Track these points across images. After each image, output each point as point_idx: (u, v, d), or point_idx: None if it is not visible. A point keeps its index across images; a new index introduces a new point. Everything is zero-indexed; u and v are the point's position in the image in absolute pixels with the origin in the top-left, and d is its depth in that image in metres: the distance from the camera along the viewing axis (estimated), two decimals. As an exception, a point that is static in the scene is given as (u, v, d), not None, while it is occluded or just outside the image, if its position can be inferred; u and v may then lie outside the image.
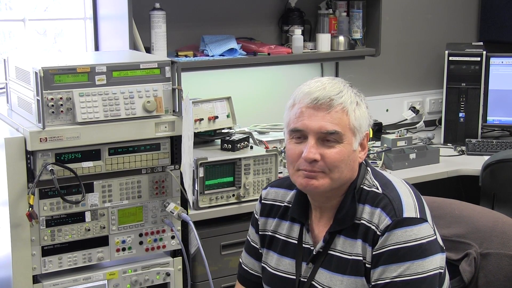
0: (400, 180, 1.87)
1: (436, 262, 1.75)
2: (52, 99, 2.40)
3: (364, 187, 1.83)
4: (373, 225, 1.77)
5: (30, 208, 2.36)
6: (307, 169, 1.77)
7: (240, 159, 2.90)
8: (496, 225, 2.04)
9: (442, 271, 1.79)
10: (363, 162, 1.86)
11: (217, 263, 2.88)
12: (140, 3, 3.13)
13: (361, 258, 1.78)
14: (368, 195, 1.81)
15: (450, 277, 1.95)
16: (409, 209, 1.76)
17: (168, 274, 2.69)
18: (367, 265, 1.77)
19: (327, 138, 1.76)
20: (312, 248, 1.87)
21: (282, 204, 1.96)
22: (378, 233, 1.75)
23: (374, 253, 1.75)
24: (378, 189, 1.81)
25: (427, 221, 1.76)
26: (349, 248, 1.80)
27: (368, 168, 1.87)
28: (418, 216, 1.75)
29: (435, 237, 1.77)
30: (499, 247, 2.00)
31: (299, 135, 1.79)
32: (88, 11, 3.38)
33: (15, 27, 3.29)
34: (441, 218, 2.09)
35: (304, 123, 1.77)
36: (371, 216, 1.78)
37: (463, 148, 3.75)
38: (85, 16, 3.40)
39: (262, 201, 2.01)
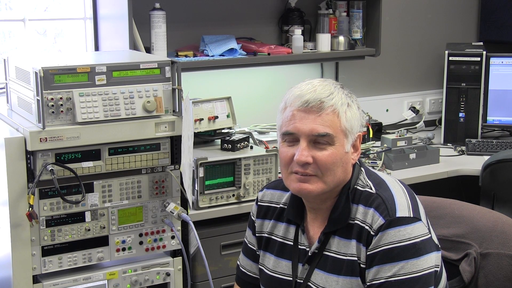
0: (394, 179, 1.87)
1: (431, 261, 1.75)
2: (52, 99, 2.40)
3: (358, 187, 1.83)
4: (366, 225, 1.77)
5: (30, 208, 2.36)
6: (299, 171, 1.77)
7: (240, 159, 2.90)
8: (496, 225, 2.04)
9: (437, 269, 1.79)
10: (357, 162, 1.86)
11: (217, 263, 2.88)
12: (140, 3, 3.13)
13: (355, 259, 1.78)
14: (362, 195, 1.81)
15: (450, 277, 1.95)
16: (402, 208, 1.76)
17: (168, 274, 2.69)
18: (361, 265, 1.77)
19: (318, 141, 1.76)
20: (307, 249, 1.87)
21: (278, 206, 1.96)
22: (371, 233, 1.75)
23: (368, 253, 1.76)
24: (371, 189, 1.81)
25: (420, 220, 1.76)
26: (343, 248, 1.80)
27: (362, 168, 1.87)
28: (412, 215, 1.75)
29: (429, 235, 1.77)
30: (499, 247, 2.00)
31: (291, 138, 1.79)
32: (88, 11, 3.38)
33: (15, 27, 3.29)
34: (441, 218, 2.10)
35: (296, 126, 1.77)
36: (365, 216, 1.78)
37: (463, 148, 3.75)
38: (85, 16, 3.40)
39: (259, 203, 2.01)
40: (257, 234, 1.99)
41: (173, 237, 2.69)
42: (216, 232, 2.89)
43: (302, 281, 1.87)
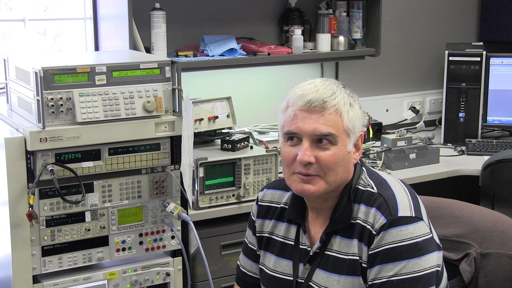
0: (395, 179, 1.87)
1: (432, 260, 1.75)
2: (52, 99, 2.40)
3: (359, 187, 1.83)
4: (368, 225, 1.77)
5: (30, 208, 2.36)
6: (302, 171, 1.77)
7: (240, 159, 2.90)
8: (496, 225, 2.04)
9: (439, 269, 1.79)
10: (358, 162, 1.86)
11: (217, 263, 2.88)
12: (140, 3, 3.13)
13: (357, 258, 1.78)
14: (363, 194, 1.81)
15: (450, 277, 1.95)
16: (404, 208, 1.76)
17: (168, 274, 2.69)
18: (363, 264, 1.77)
19: (321, 141, 1.76)
20: (309, 249, 1.87)
21: (279, 206, 1.96)
22: (373, 232, 1.75)
23: (370, 252, 1.75)
24: (373, 188, 1.81)
25: (422, 219, 1.76)
26: (345, 248, 1.80)
27: (363, 168, 1.87)
28: (413, 215, 1.75)
29: (431, 235, 1.77)
30: (499, 247, 2.00)
31: (293, 138, 1.79)
32: (88, 11, 3.38)
33: (15, 27, 3.29)
34: (441, 218, 2.10)
35: (298, 126, 1.76)
36: (366, 215, 1.78)
37: (463, 148, 3.75)
38: (85, 16, 3.40)
39: (259, 203, 2.01)
40: (257, 234, 1.99)
41: (173, 237, 2.69)
42: (216, 232, 2.89)
43: (303, 281, 1.86)
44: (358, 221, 1.79)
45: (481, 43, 4.09)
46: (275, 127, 3.51)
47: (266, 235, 1.97)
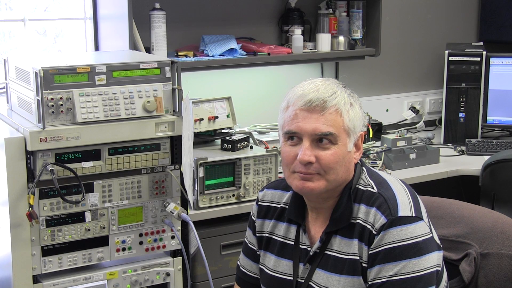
0: (396, 179, 1.87)
1: (432, 260, 1.75)
2: (52, 99, 2.40)
3: (360, 187, 1.83)
4: (368, 225, 1.77)
5: (30, 208, 2.36)
6: (302, 171, 1.77)
7: (240, 159, 2.90)
8: (496, 225, 2.04)
9: (439, 268, 1.79)
10: (359, 162, 1.86)
11: (217, 263, 2.88)
12: (140, 3, 3.14)
13: (357, 258, 1.78)
14: (364, 194, 1.81)
15: (450, 277, 1.95)
16: (404, 207, 1.76)
17: (168, 274, 2.69)
18: (363, 264, 1.77)
19: (321, 140, 1.76)
20: (309, 248, 1.87)
21: (279, 206, 1.96)
22: (373, 232, 1.75)
23: (370, 252, 1.76)
24: (373, 188, 1.81)
25: (422, 219, 1.76)
26: (345, 248, 1.80)
27: (363, 168, 1.87)
28: (414, 215, 1.75)
29: (431, 235, 1.77)
30: (499, 247, 2.00)
31: (293, 137, 1.79)
32: (88, 11, 3.38)
33: (15, 27, 3.29)
34: (441, 218, 2.10)
35: (299, 125, 1.77)
36: (367, 215, 1.78)
37: (463, 148, 3.75)
38: (85, 16, 3.40)
39: (259, 203, 2.01)
40: (257, 234, 1.99)
41: (173, 237, 2.69)
42: (216, 232, 2.89)
43: (303, 280, 1.87)
44: (358, 221, 1.79)
45: (481, 43, 4.10)
46: (275, 127, 3.51)
47: (266, 235, 1.97)
